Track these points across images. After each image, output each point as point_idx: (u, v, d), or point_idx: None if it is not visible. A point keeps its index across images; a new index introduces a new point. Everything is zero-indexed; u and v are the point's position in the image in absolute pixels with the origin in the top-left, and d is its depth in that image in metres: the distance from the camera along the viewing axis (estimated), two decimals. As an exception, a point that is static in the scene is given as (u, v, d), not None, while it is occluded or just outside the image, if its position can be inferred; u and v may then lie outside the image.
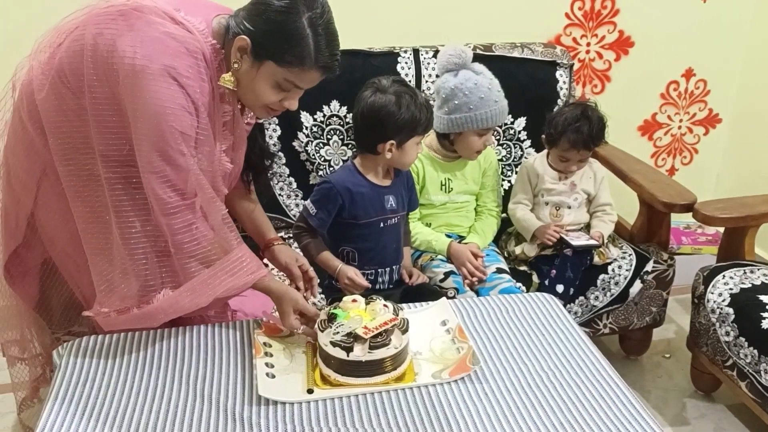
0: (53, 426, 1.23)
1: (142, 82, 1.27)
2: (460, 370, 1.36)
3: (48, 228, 1.50)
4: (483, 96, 1.89)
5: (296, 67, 1.35)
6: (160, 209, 1.34)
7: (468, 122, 1.91)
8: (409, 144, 1.70)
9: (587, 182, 2.09)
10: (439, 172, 2.03)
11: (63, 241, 1.49)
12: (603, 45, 2.57)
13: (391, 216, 1.79)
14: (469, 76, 1.91)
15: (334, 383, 1.34)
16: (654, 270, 2.09)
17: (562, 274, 1.97)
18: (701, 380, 2.14)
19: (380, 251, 1.80)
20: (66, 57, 1.35)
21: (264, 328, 1.48)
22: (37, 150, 1.42)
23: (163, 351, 1.43)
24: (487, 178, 2.10)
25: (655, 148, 2.83)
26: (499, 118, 1.94)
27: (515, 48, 2.30)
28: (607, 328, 2.13)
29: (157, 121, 1.29)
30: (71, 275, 1.54)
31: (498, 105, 1.91)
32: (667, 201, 2.04)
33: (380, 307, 1.41)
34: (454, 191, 2.04)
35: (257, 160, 1.66)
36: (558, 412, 1.28)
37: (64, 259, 1.52)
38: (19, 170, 1.47)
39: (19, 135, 1.45)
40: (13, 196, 1.50)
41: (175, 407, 1.28)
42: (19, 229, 1.51)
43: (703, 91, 2.76)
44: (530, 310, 1.60)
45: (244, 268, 1.41)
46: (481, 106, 1.89)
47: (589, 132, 1.99)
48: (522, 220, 2.07)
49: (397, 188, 1.81)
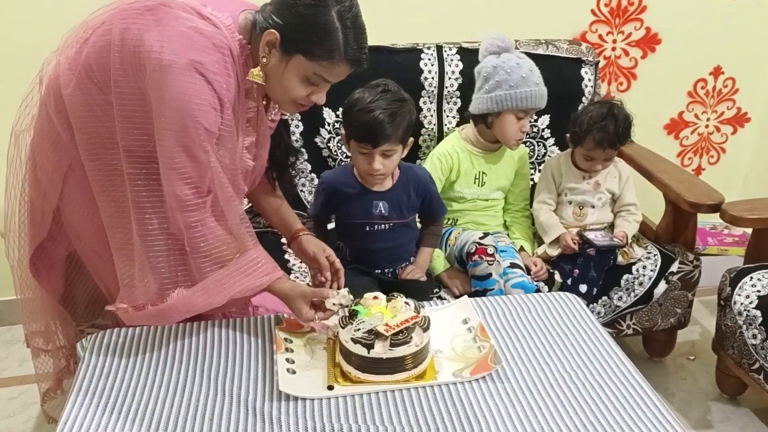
0: (76, 418, 1.24)
1: (168, 77, 1.27)
2: (482, 369, 1.35)
3: (73, 222, 1.51)
4: (524, 75, 1.92)
5: (325, 60, 1.35)
6: (177, 206, 1.34)
7: (508, 100, 1.91)
8: (352, 145, 1.70)
9: (612, 182, 2.07)
10: (474, 164, 2.02)
11: (88, 235, 1.51)
12: (629, 42, 2.54)
13: (380, 222, 1.76)
14: (512, 57, 1.97)
15: (355, 380, 1.33)
16: (679, 271, 2.05)
17: (586, 273, 1.95)
18: (726, 383, 2.11)
19: (372, 253, 1.80)
20: (93, 52, 1.36)
21: (285, 323, 1.49)
22: (63, 145, 1.44)
23: (185, 346, 1.44)
24: (519, 177, 2.09)
25: (681, 147, 2.79)
26: (539, 101, 1.95)
27: (540, 45, 2.28)
28: (631, 328, 2.10)
29: (182, 116, 1.29)
30: (96, 269, 1.55)
31: (538, 88, 1.94)
32: (694, 201, 2.01)
33: (401, 305, 1.40)
34: (487, 186, 2.04)
35: (282, 156, 1.66)
36: (580, 413, 1.26)
37: (89, 252, 1.54)
38: (46, 164, 1.48)
39: (45, 130, 1.46)
40: (40, 190, 1.51)
41: (196, 402, 1.28)
42: (44, 222, 1.52)
43: (731, 89, 2.72)
44: (553, 309, 1.58)
45: (259, 269, 1.41)
46: (521, 85, 1.91)
47: (614, 131, 1.96)
48: (545, 224, 2.05)
49: (394, 194, 1.77)
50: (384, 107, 1.63)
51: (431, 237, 1.90)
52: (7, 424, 1.99)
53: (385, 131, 1.62)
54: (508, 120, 1.94)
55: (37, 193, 1.52)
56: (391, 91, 1.67)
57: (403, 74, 2.08)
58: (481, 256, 1.83)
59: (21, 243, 1.59)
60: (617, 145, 2.00)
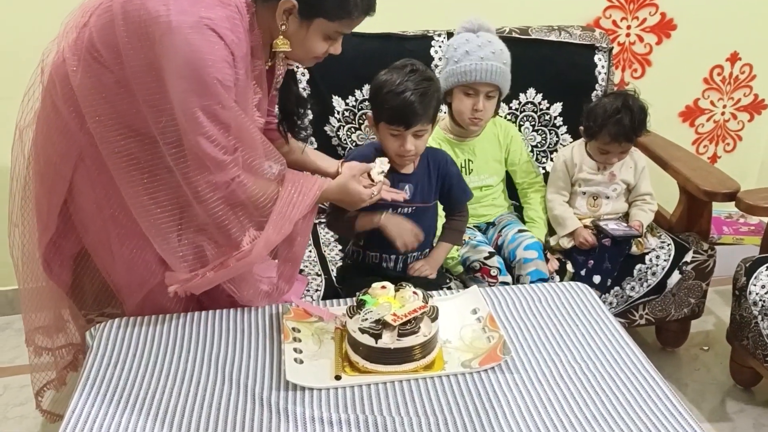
0: (84, 406, 1.24)
1: (179, 38, 1.25)
2: (491, 360, 1.34)
3: (82, 215, 1.51)
4: (468, 50, 1.87)
5: (346, 19, 1.40)
6: (213, 166, 1.33)
7: (452, 75, 1.89)
8: (381, 128, 1.66)
9: (627, 172, 2.03)
10: (458, 153, 1.98)
11: (96, 228, 1.50)
12: (644, 28, 2.49)
13: (404, 205, 1.72)
14: (466, 35, 1.92)
15: (363, 370, 1.33)
16: (693, 260, 2.03)
17: (600, 264, 1.92)
18: (741, 374, 2.09)
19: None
20: (96, 32, 1.35)
21: (293, 313, 1.48)
22: (72, 134, 1.43)
23: (192, 334, 1.44)
24: (513, 153, 2.05)
25: (696, 135, 2.74)
26: (483, 74, 1.86)
27: (552, 31, 2.24)
28: (643, 319, 2.08)
29: (199, 74, 1.27)
30: (103, 263, 1.55)
31: (483, 62, 1.86)
32: (709, 189, 1.98)
33: (409, 295, 1.39)
34: (476, 173, 2.00)
35: (293, 107, 1.65)
36: (591, 404, 1.25)
37: (97, 246, 1.54)
38: (53, 156, 1.47)
39: (52, 120, 1.45)
40: (45, 185, 1.51)
41: (204, 391, 1.28)
42: (51, 218, 1.51)
43: (748, 75, 2.67)
44: (564, 299, 1.56)
45: (306, 184, 1.48)
46: (463, 59, 1.87)
47: (630, 124, 1.91)
48: (560, 217, 2.00)
49: (418, 177, 1.75)
50: (413, 88, 1.60)
51: (452, 232, 1.83)
52: (19, 412, 2.01)
53: (417, 112, 1.61)
54: (457, 97, 1.91)
55: (42, 188, 1.51)
56: (419, 71, 1.65)
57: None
58: (484, 276, 1.82)
59: (25, 238, 1.58)
60: (634, 137, 1.96)
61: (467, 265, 1.88)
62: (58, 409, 1.77)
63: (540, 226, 2.02)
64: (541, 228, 2.02)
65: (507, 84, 1.94)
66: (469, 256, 1.89)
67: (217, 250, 1.46)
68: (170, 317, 1.49)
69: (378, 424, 1.19)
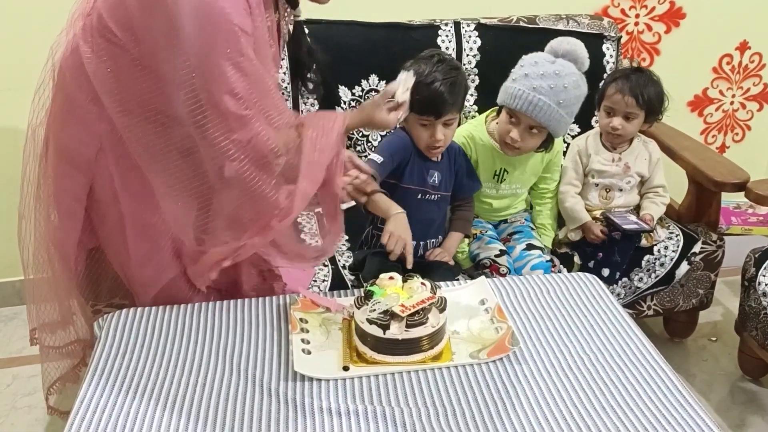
0: (93, 396, 1.24)
1: None
2: (499, 351, 1.34)
3: (100, 205, 1.50)
4: (527, 73, 1.72)
5: None
6: (236, 124, 1.32)
7: (503, 91, 1.79)
8: (411, 119, 1.65)
9: (642, 164, 2.00)
10: (496, 161, 1.90)
11: (113, 221, 1.50)
12: (653, 17, 2.47)
13: (432, 192, 1.75)
14: (542, 56, 1.76)
15: (370, 361, 1.32)
16: (702, 251, 2.02)
17: (609, 257, 1.91)
18: (749, 365, 2.08)
19: (412, 223, 1.75)
20: (105, 12, 1.34)
21: (301, 303, 1.48)
22: (90, 123, 1.41)
23: (200, 325, 1.44)
24: (550, 164, 1.97)
25: (705, 125, 2.72)
26: (527, 107, 1.70)
27: (560, 20, 2.23)
28: (651, 310, 2.07)
29: (219, 22, 1.25)
30: (118, 257, 1.55)
31: (534, 94, 1.69)
32: (719, 179, 1.96)
33: (418, 285, 1.39)
34: (507, 182, 1.93)
35: (305, 59, 1.65)
36: (600, 395, 1.24)
37: (112, 240, 1.53)
38: (74, 148, 1.45)
39: (68, 113, 1.43)
40: (65, 180, 1.48)
41: (212, 381, 1.28)
42: (73, 212, 1.50)
43: (758, 64, 2.64)
44: (572, 290, 1.56)
45: (326, 123, 1.43)
46: (519, 81, 1.73)
47: (638, 81, 1.90)
48: (570, 210, 1.98)
49: (444, 166, 1.77)
50: (442, 78, 1.62)
51: (462, 222, 1.85)
52: (28, 401, 2.02)
53: (447, 101, 1.63)
54: (502, 117, 1.81)
55: (60, 183, 1.49)
56: (446, 60, 1.67)
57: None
58: (492, 273, 1.81)
59: (38, 230, 1.57)
60: (640, 99, 1.89)
61: (477, 261, 1.87)
62: (67, 406, 1.76)
63: (549, 234, 2.00)
64: (550, 235, 2.00)
65: (556, 125, 1.75)
66: (479, 253, 1.88)
67: (256, 214, 1.42)
68: (178, 308, 1.49)
69: (386, 415, 1.19)
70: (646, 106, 1.91)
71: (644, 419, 1.19)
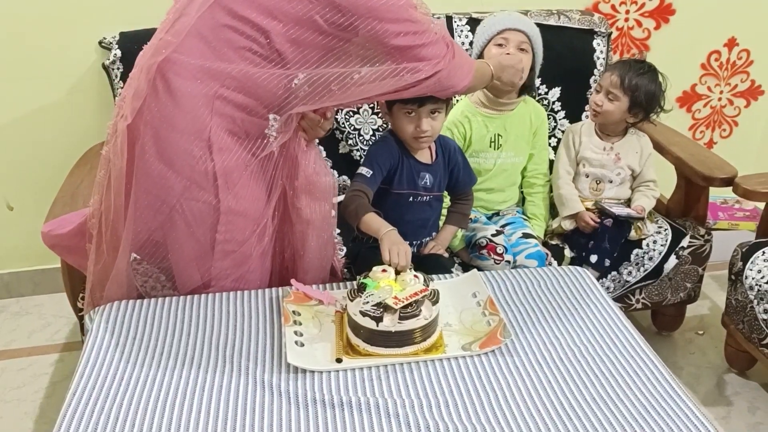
0: (84, 389, 1.24)
1: None
2: (491, 343, 1.35)
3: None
4: (496, 15, 1.97)
5: None
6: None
7: (481, 36, 1.93)
8: (395, 110, 1.66)
9: (633, 157, 2.02)
10: (488, 127, 1.95)
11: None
12: (642, 12, 2.49)
13: (424, 194, 1.75)
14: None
15: (363, 353, 1.33)
16: (690, 245, 2.04)
17: (599, 244, 1.93)
18: (736, 358, 2.10)
19: (402, 225, 1.76)
20: (235, 4, 1.36)
21: (293, 296, 1.48)
22: (199, 118, 1.39)
23: (192, 317, 1.44)
24: (537, 136, 2.02)
25: (693, 121, 2.75)
26: (510, 21, 1.92)
27: (551, 15, 2.23)
28: (640, 303, 2.09)
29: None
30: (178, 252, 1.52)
31: (511, 14, 1.96)
32: (707, 174, 1.98)
33: (411, 278, 1.39)
34: (504, 148, 1.96)
35: None
36: (590, 386, 1.25)
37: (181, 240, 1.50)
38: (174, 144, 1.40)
39: (170, 110, 1.38)
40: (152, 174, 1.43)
41: (204, 373, 1.28)
42: (159, 212, 1.46)
43: (745, 61, 2.67)
44: (563, 283, 1.57)
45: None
46: (496, 15, 1.97)
47: (632, 68, 1.93)
48: (564, 197, 1.99)
49: (436, 167, 1.76)
50: None
51: (458, 216, 1.85)
52: (16, 395, 2.01)
53: None
54: (490, 50, 1.91)
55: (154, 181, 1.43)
56: None
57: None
58: (489, 253, 1.81)
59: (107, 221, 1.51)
60: (626, 83, 1.91)
61: (473, 241, 1.87)
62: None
63: (540, 223, 2.01)
64: (542, 225, 2.02)
65: (536, 38, 1.94)
66: (475, 234, 1.88)
67: None
68: (170, 300, 1.49)
69: (379, 407, 1.20)
70: (630, 93, 1.93)
71: (634, 410, 1.20)
